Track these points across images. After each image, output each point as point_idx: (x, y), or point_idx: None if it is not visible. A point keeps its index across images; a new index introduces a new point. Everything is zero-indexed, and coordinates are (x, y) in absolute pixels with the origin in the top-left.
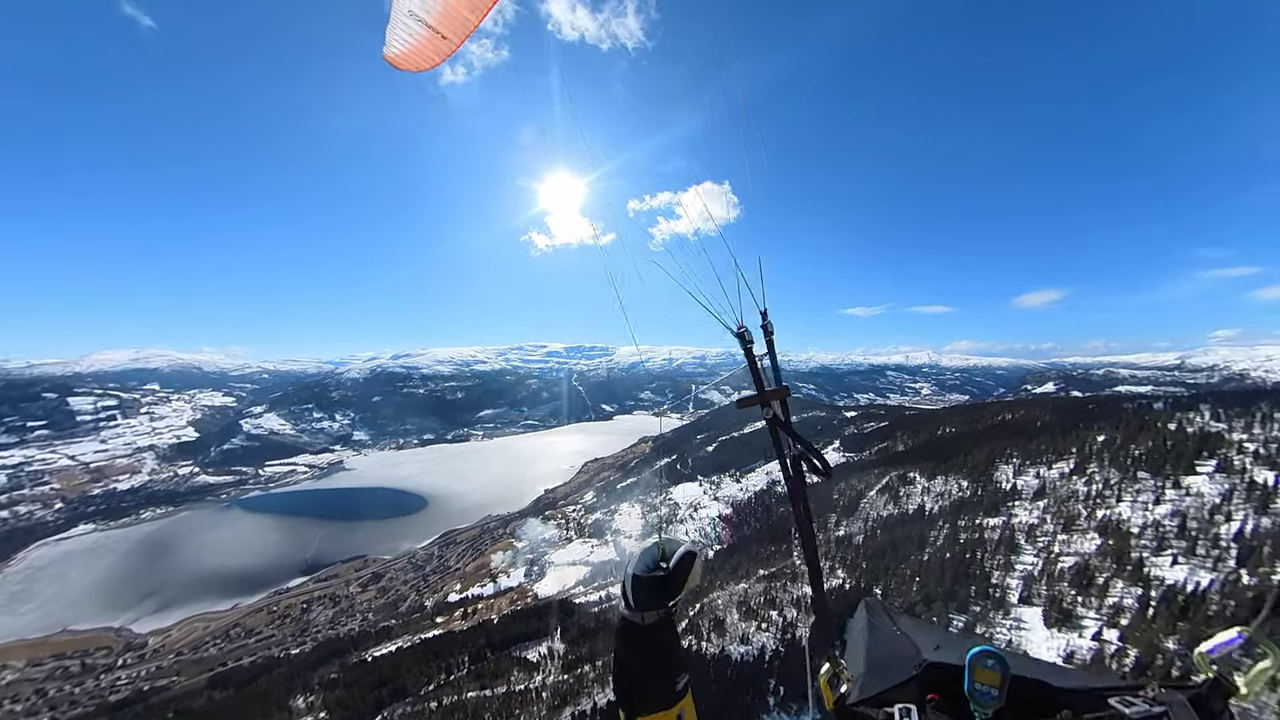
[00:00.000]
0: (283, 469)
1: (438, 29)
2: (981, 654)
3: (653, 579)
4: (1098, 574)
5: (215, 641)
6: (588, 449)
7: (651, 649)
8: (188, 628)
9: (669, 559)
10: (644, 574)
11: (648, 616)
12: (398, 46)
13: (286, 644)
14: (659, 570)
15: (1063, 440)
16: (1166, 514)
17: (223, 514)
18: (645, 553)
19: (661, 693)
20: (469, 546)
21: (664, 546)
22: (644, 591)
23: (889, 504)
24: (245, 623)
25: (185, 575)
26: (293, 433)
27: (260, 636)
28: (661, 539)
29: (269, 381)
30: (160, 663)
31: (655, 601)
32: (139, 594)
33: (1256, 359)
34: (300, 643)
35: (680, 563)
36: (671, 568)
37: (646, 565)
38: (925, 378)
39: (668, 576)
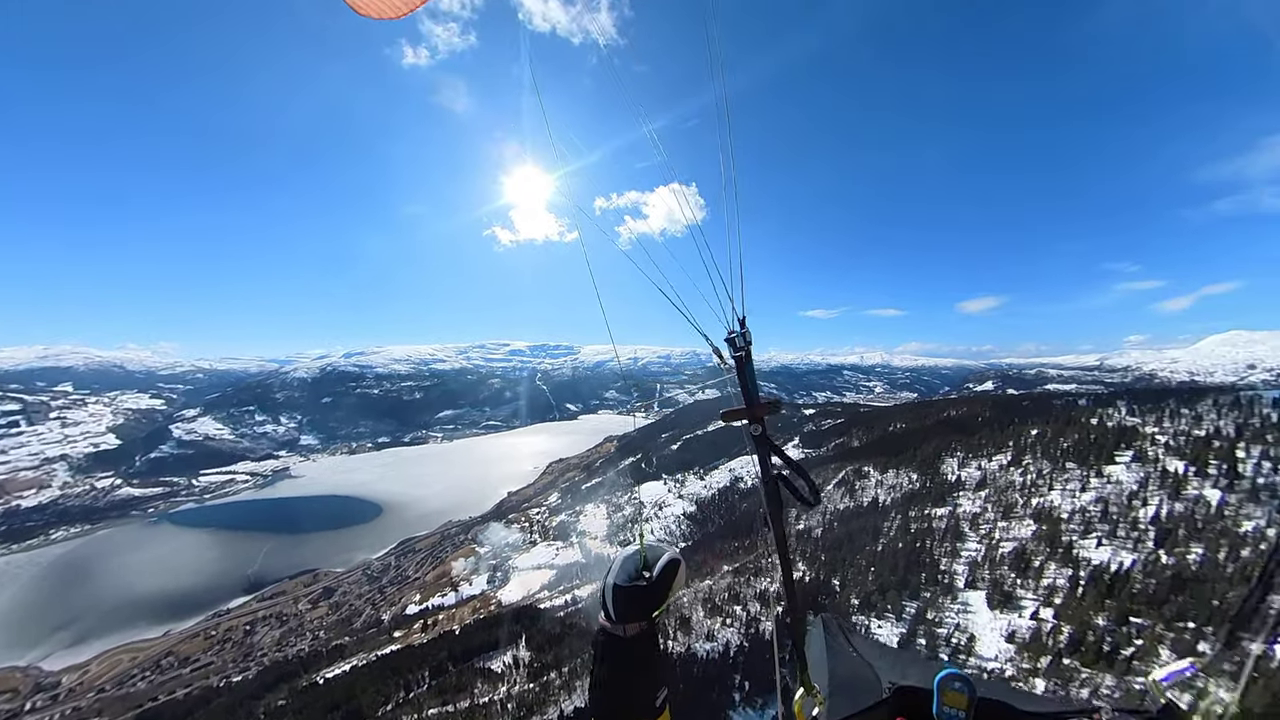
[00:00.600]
0: (220, 478)
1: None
2: (949, 677)
3: (634, 589)
4: (1034, 557)
5: (144, 674)
6: (552, 449)
7: (631, 663)
8: (110, 661)
9: (652, 568)
10: (625, 584)
11: (629, 629)
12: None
13: (227, 671)
14: (641, 580)
15: (1001, 435)
16: (1091, 500)
17: (150, 530)
18: (626, 560)
19: (641, 708)
20: (428, 555)
21: (646, 554)
22: (625, 603)
23: (845, 497)
24: (179, 650)
25: (106, 602)
26: (231, 438)
27: (197, 665)
28: (644, 546)
29: (204, 382)
30: (78, 703)
31: (637, 613)
32: (50, 626)
33: (1163, 361)
34: (243, 669)
35: (664, 572)
36: (655, 577)
37: (628, 574)
38: (878, 377)
39: (651, 587)
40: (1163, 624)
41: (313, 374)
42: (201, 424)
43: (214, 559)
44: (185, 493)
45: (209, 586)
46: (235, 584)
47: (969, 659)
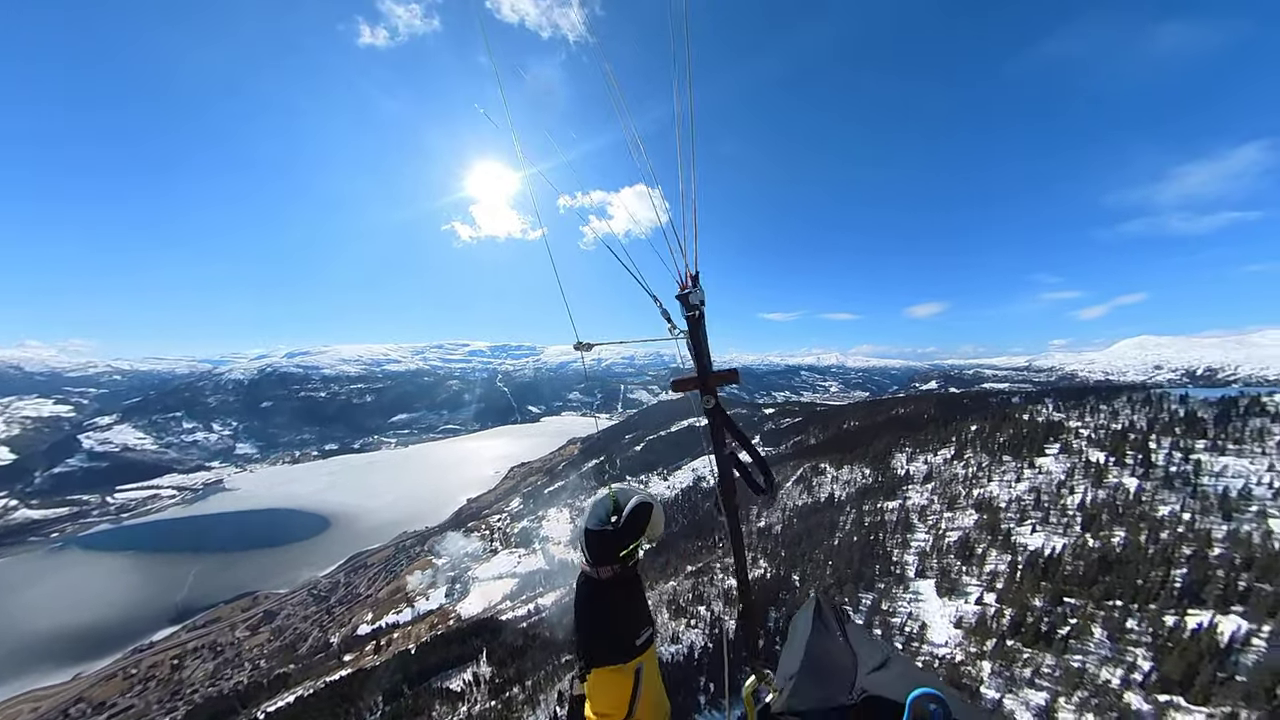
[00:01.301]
0: (141, 494)
1: None
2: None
3: (603, 532)
4: (977, 545)
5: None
6: (514, 453)
7: (606, 604)
8: (7, 714)
9: (620, 511)
10: (595, 528)
11: (602, 571)
12: None
13: (151, 714)
14: (610, 524)
15: (945, 431)
16: (1026, 490)
17: (54, 558)
18: (597, 505)
19: (617, 647)
20: (382, 569)
21: (616, 497)
22: (596, 546)
23: (803, 493)
24: (92, 695)
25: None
26: (155, 448)
27: (114, 711)
28: (613, 490)
29: (123, 385)
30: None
31: (608, 556)
32: None
33: (1082, 362)
34: (170, 710)
35: (632, 515)
36: (622, 521)
37: (599, 518)
38: (834, 377)
39: (619, 530)
40: (1093, 604)
41: (250, 375)
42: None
43: (134, 586)
44: (98, 512)
45: (128, 618)
46: (160, 613)
47: (921, 646)
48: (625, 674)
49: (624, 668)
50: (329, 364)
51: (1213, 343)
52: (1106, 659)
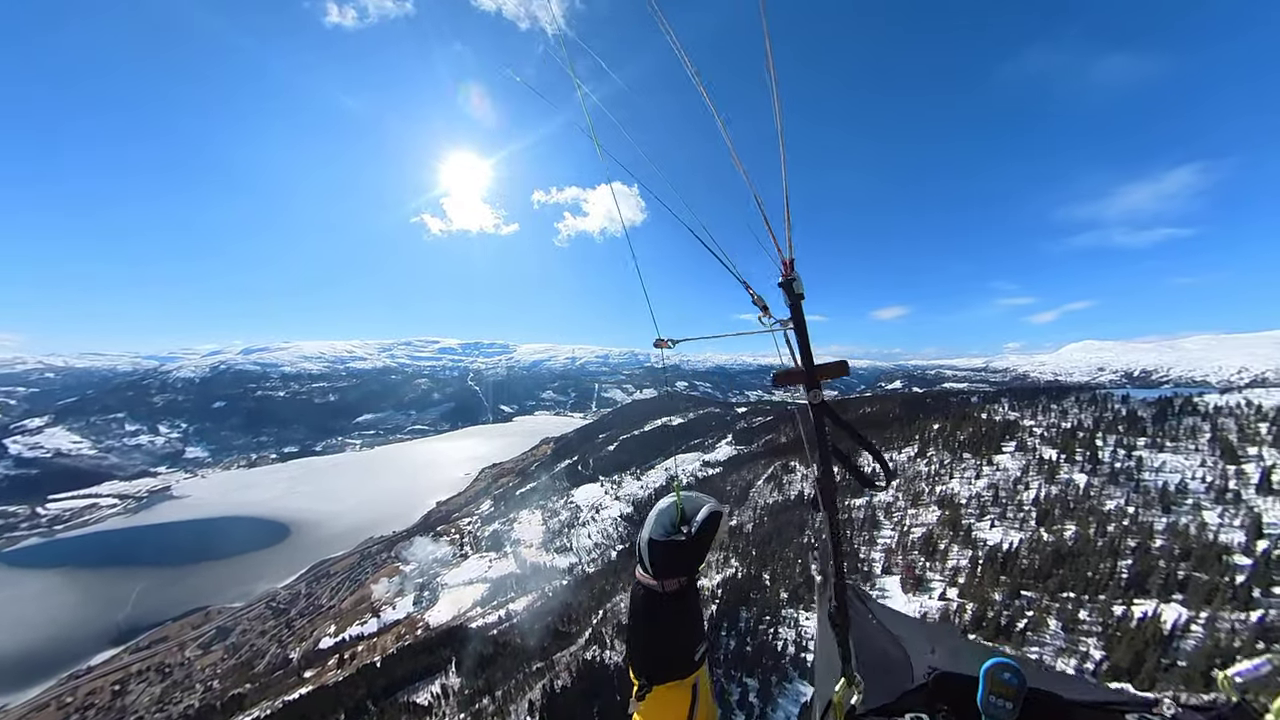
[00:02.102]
0: (77, 504)
1: None
2: (998, 666)
3: (674, 544)
4: (939, 540)
5: None
6: (486, 454)
7: (672, 617)
8: None
9: (690, 521)
10: (662, 539)
11: (668, 584)
12: None
13: None
14: (680, 535)
15: (909, 429)
16: (984, 486)
17: None
18: (662, 514)
19: (681, 662)
20: (345, 578)
21: (683, 506)
22: (665, 558)
23: (775, 492)
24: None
25: None
26: (93, 453)
27: None
28: (680, 497)
29: (56, 383)
30: None
31: (678, 568)
32: None
33: (1034, 364)
34: None
35: (705, 525)
36: (695, 532)
37: (664, 528)
38: None
39: (693, 541)
40: (1048, 596)
41: (202, 373)
42: (50, 436)
43: (69, 606)
44: (26, 525)
45: (63, 641)
46: (100, 635)
47: None
48: (684, 689)
49: (683, 683)
50: (289, 361)
51: (1149, 347)
52: (1062, 650)
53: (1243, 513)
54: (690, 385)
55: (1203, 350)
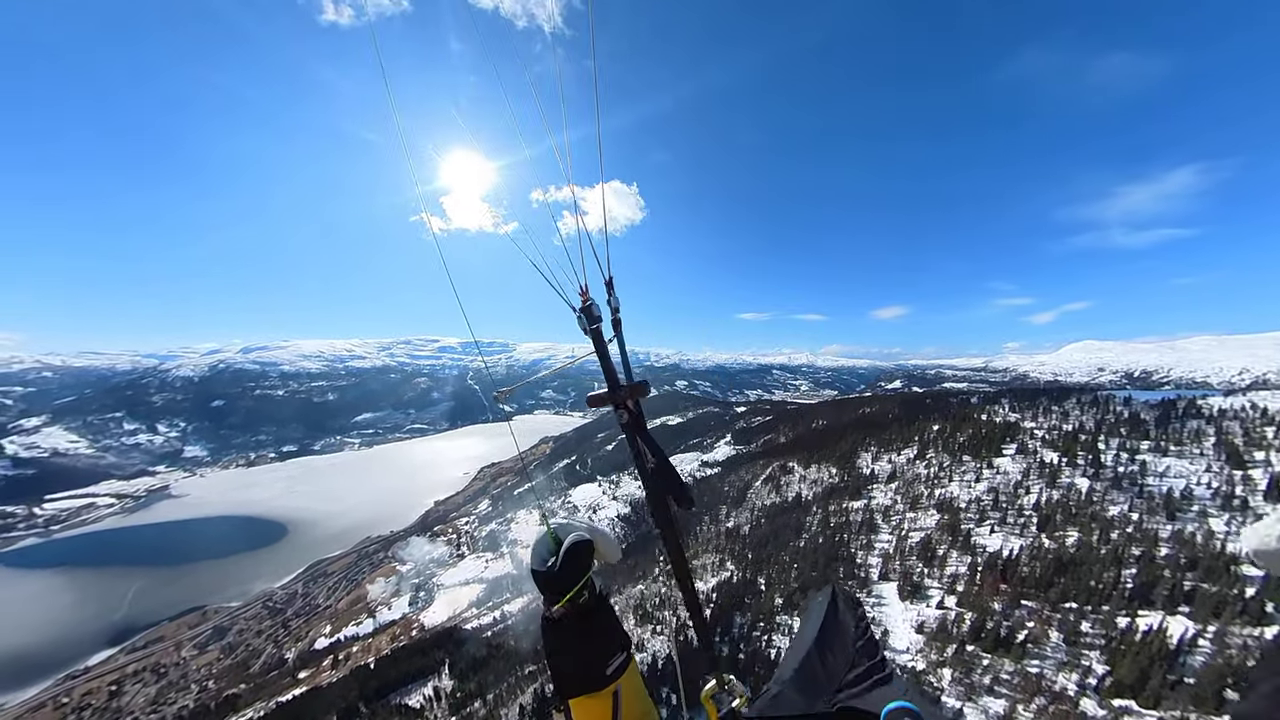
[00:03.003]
0: (74, 503)
1: None
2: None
3: (545, 574)
4: (938, 546)
5: None
6: (484, 453)
7: (566, 641)
8: None
9: (557, 552)
10: (539, 569)
11: (555, 611)
12: None
13: None
14: (551, 567)
15: (908, 430)
16: (984, 490)
17: None
18: (538, 544)
19: (586, 680)
20: (342, 578)
21: (555, 534)
22: (543, 587)
23: (772, 493)
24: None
25: None
26: (91, 452)
27: None
28: (551, 527)
29: (53, 383)
30: None
31: (556, 595)
32: None
33: (1034, 364)
34: None
35: (570, 555)
36: (559, 563)
37: (540, 558)
38: (804, 376)
39: (558, 573)
40: (1049, 607)
41: (201, 372)
42: (48, 435)
43: (66, 606)
44: (24, 525)
45: (59, 642)
46: (97, 635)
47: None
48: (602, 700)
49: (599, 694)
50: (288, 360)
51: (1149, 347)
52: (1063, 664)
53: (1251, 520)
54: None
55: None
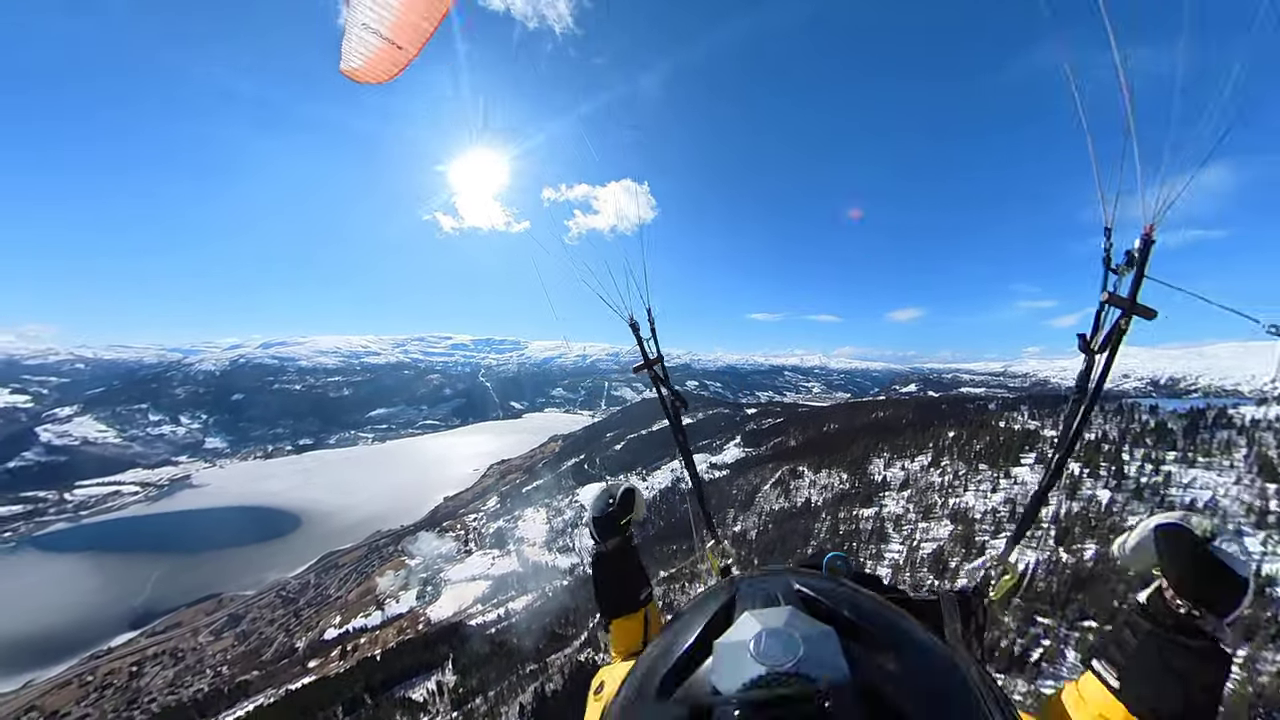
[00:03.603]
0: (102, 490)
1: (394, 40)
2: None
3: (607, 515)
4: (950, 558)
5: None
6: (495, 450)
7: (615, 568)
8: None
9: (614, 496)
10: (599, 514)
11: (610, 544)
12: (355, 60)
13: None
14: (609, 507)
15: (922, 436)
16: (1001, 501)
17: (7, 559)
18: (597, 499)
19: (626, 601)
20: (353, 570)
21: (609, 489)
22: (601, 527)
23: (780, 497)
24: (45, 704)
25: None
26: (118, 442)
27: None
28: (608, 482)
29: (85, 374)
30: None
31: (612, 531)
32: None
33: (1055, 369)
34: (125, 718)
35: (624, 497)
36: (617, 503)
37: (599, 507)
38: (816, 378)
39: (616, 510)
40: (1066, 625)
41: (222, 366)
42: (79, 425)
43: (92, 589)
44: (55, 510)
45: (85, 623)
46: (119, 618)
47: None
48: (636, 620)
49: (633, 616)
50: (306, 355)
51: (1175, 354)
52: None
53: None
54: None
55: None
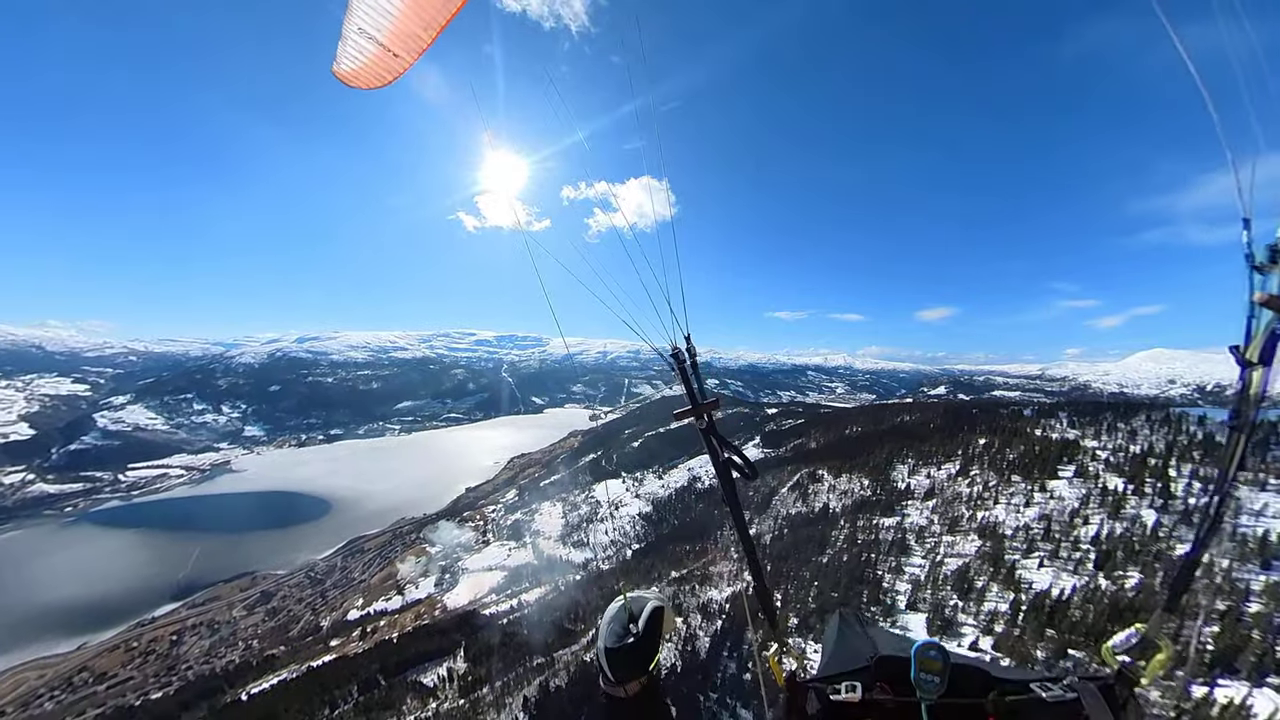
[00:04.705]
0: (150, 473)
1: (390, 47)
2: (925, 645)
3: (624, 649)
4: (977, 578)
5: (52, 693)
6: (516, 444)
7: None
8: (15, 679)
9: (637, 620)
10: (616, 645)
11: (629, 688)
12: (348, 64)
13: (147, 687)
14: (630, 637)
15: (951, 443)
16: (1035, 517)
17: (67, 532)
18: (613, 620)
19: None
20: (377, 555)
21: (630, 607)
22: (620, 664)
23: (798, 502)
24: (95, 665)
25: (13, 612)
26: (166, 428)
27: (114, 681)
28: (627, 599)
29: (138, 365)
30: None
31: (634, 670)
32: None
33: (1096, 373)
34: (164, 684)
35: (649, 623)
36: (641, 631)
37: (617, 634)
38: (840, 378)
39: (639, 643)
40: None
41: (260, 359)
42: (131, 412)
43: (140, 563)
44: (109, 489)
45: (132, 593)
46: (163, 590)
47: None
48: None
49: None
50: (337, 350)
51: (1224, 358)
52: None
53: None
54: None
55: None
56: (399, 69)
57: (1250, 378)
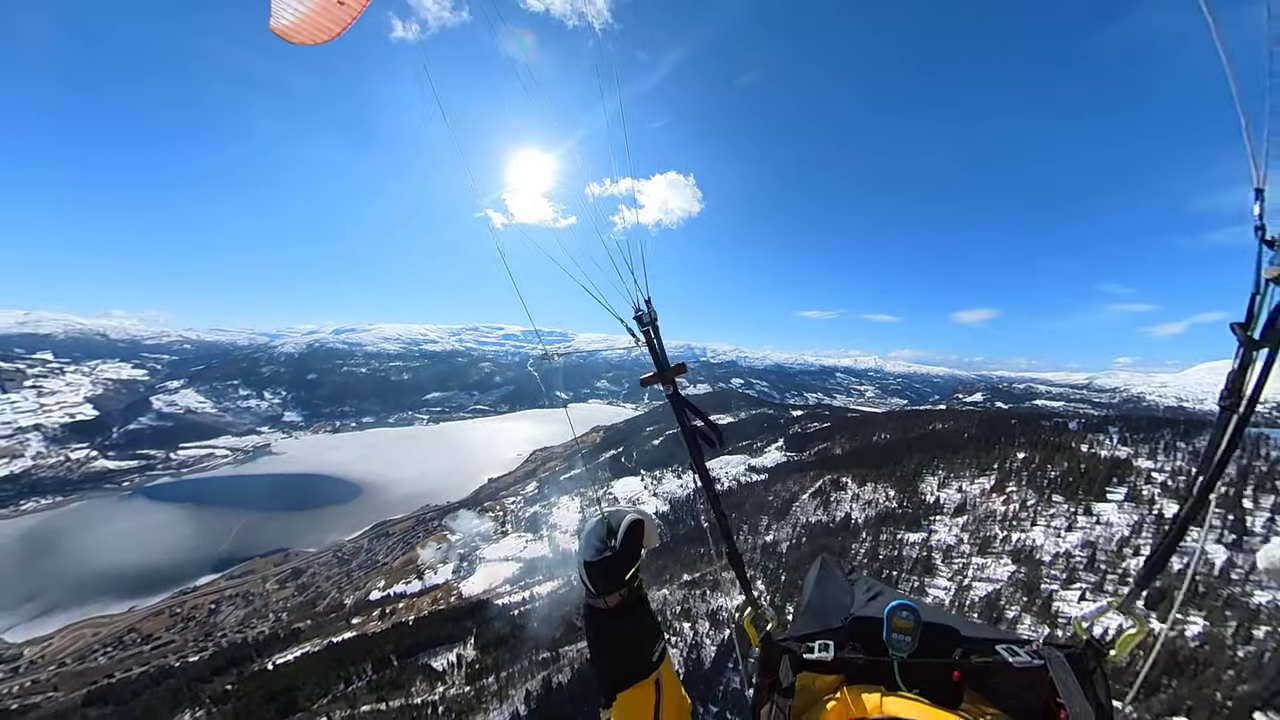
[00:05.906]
0: (199, 453)
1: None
2: (898, 606)
3: (603, 561)
4: (1008, 607)
5: (105, 650)
6: (538, 437)
7: (620, 629)
8: (73, 635)
9: (616, 533)
10: (595, 558)
11: (610, 600)
12: (286, 17)
13: (185, 651)
14: (608, 550)
15: (986, 455)
16: (1077, 543)
17: (124, 504)
18: (590, 534)
19: (638, 667)
20: (400, 539)
21: (609, 521)
22: (598, 576)
23: (819, 509)
24: (142, 627)
25: (74, 575)
26: (214, 412)
27: (157, 643)
28: (604, 513)
29: (190, 353)
30: (37, 676)
31: (613, 582)
32: (17, 597)
33: (1152, 385)
34: (201, 649)
35: (629, 534)
36: (619, 544)
37: (595, 548)
38: (870, 381)
39: (617, 555)
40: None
41: (300, 350)
42: (183, 396)
43: (186, 535)
44: (162, 466)
45: (178, 562)
46: (205, 561)
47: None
48: (647, 687)
49: (645, 682)
50: (371, 341)
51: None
52: None
53: None
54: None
55: None
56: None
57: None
